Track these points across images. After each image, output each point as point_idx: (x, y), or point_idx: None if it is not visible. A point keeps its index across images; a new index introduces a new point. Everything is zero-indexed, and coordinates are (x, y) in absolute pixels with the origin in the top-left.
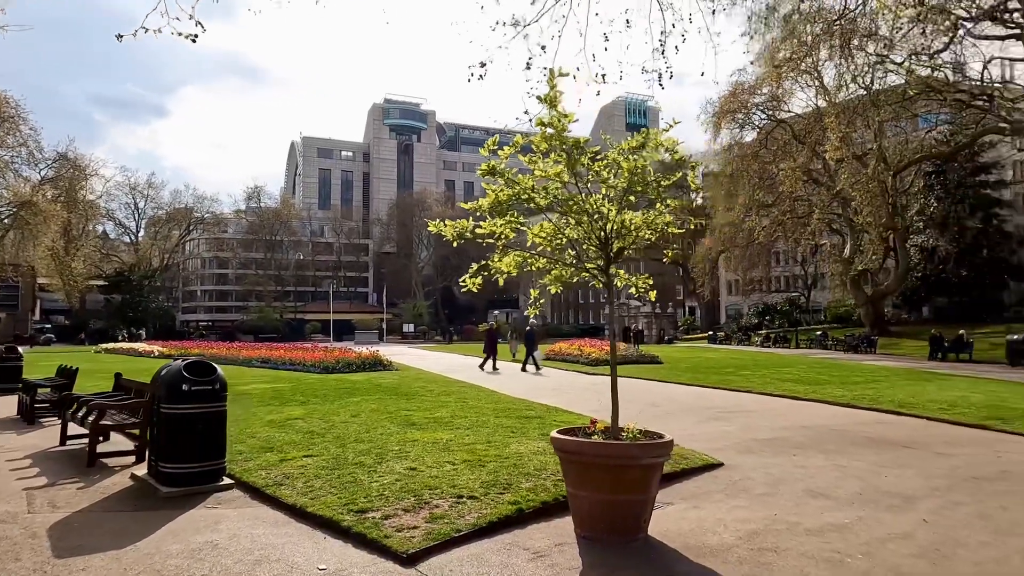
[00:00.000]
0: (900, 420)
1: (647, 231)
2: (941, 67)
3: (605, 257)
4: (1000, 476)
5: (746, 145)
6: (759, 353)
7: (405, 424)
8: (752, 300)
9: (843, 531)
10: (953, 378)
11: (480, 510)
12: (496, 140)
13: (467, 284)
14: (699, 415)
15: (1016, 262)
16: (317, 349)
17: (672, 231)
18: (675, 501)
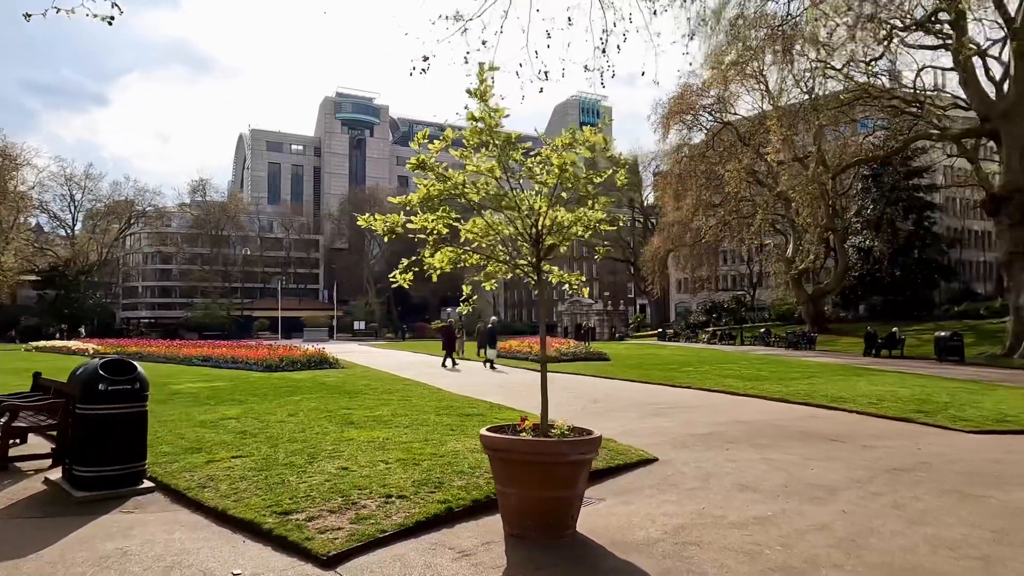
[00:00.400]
0: (831, 414)
1: (579, 228)
2: (878, 74)
3: (536, 254)
4: (917, 467)
5: (694, 146)
6: (705, 350)
7: (343, 423)
8: (700, 298)
9: (765, 523)
10: (884, 373)
11: (408, 510)
12: (426, 134)
13: (397, 279)
14: (640, 411)
15: (946, 262)
16: (261, 347)
17: (605, 228)
18: (607, 497)
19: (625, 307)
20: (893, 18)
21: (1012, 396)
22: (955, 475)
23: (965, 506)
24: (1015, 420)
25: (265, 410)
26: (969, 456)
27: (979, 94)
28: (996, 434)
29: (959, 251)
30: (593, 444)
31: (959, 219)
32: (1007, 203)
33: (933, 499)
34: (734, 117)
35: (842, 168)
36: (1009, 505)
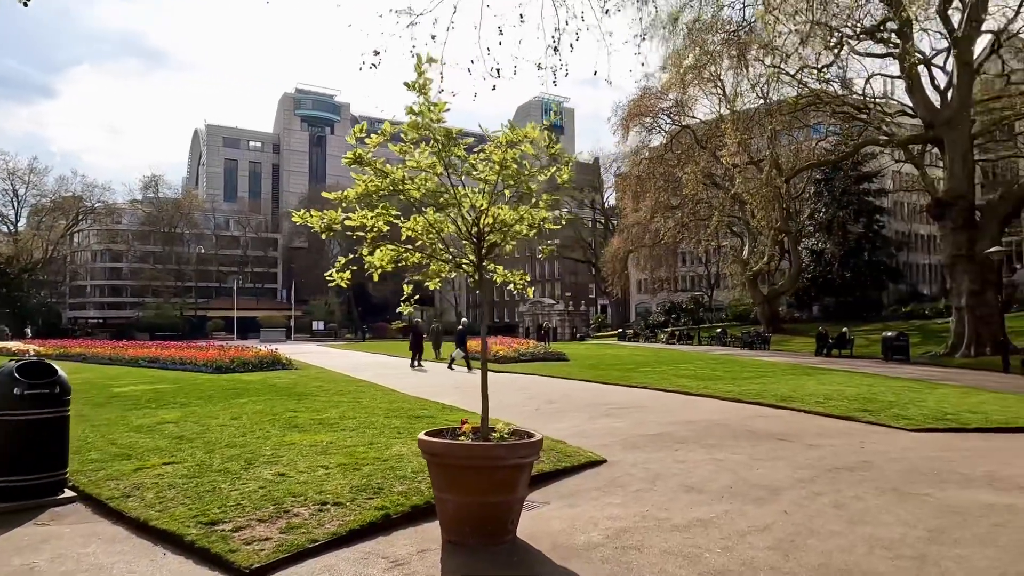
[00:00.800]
0: (780, 413)
1: (523, 227)
2: (829, 81)
3: (477, 253)
4: (860, 466)
5: (653, 149)
6: (663, 350)
7: (287, 426)
8: (660, 299)
9: (708, 526)
10: (833, 373)
11: (343, 517)
12: (363, 127)
13: (335, 278)
14: (593, 411)
15: (894, 265)
16: (212, 348)
17: (550, 227)
18: (552, 500)
19: (586, 307)
20: (844, 26)
21: (953, 394)
22: (895, 473)
23: (904, 505)
24: (954, 418)
25: (207, 413)
26: (909, 454)
27: (924, 102)
28: (936, 432)
29: (906, 254)
30: (534, 447)
31: (906, 223)
32: (951, 208)
33: (873, 498)
34: (693, 120)
35: (795, 172)
36: (945, 503)
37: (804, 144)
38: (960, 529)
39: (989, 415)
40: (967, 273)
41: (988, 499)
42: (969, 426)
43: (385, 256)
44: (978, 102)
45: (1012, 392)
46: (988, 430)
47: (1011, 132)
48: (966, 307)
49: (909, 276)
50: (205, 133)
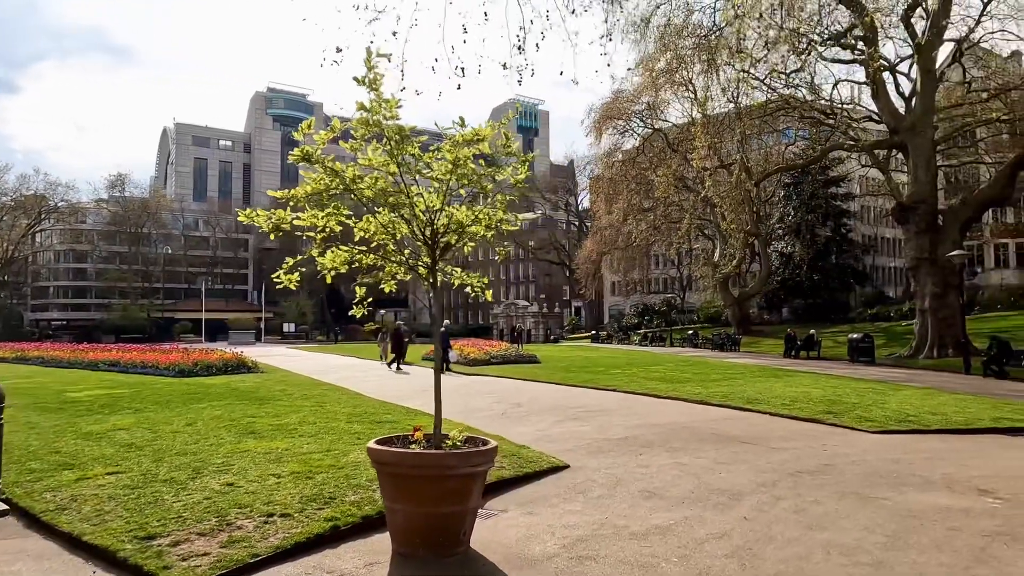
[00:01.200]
0: (746, 416)
1: (480, 228)
2: (798, 86)
3: (432, 254)
4: (821, 469)
5: (625, 151)
6: (635, 352)
7: (244, 433)
8: (633, 300)
9: (666, 533)
10: (800, 375)
11: (289, 529)
12: (311, 123)
13: (283, 280)
14: (560, 415)
15: (861, 268)
16: (175, 351)
17: (507, 228)
18: (511, 508)
19: (561, 309)
20: (812, 32)
21: (915, 396)
22: (856, 477)
23: (863, 509)
24: (916, 420)
25: (162, 419)
26: (871, 457)
27: (889, 107)
28: (898, 434)
29: (873, 257)
30: (487, 455)
31: (873, 227)
32: (914, 212)
33: (833, 502)
34: (665, 124)
35: (764, 176)
36: (903, 507)
37: (774, 148)
38: (917, 534)
39: (949, 416)
40: (930, 276)
41: (945, 502)
42: (930, 428)
43: (337, 258)
44: (941, 109)
45: (972, 393)
46: (948, 432)
47: (973, 138)
48: (929, 309)
49: (876, 279)
50: (174, 132)
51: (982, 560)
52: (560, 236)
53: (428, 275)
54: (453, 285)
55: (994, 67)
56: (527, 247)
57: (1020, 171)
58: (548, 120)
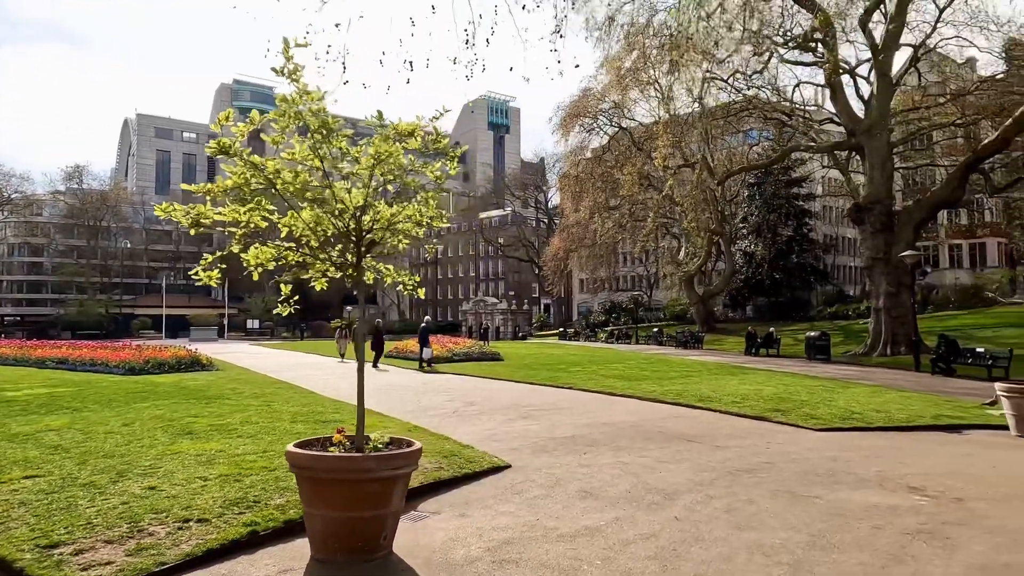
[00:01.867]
0: (696, 414)
1: (409, 225)
2: (761, 88)
3: (357, 251)
4: (760, 467)
5: (592, 150)
6: (600, 349)
7: (180, 433)
8: (601, 298)
9: (595, 535)
10: (757, 372)
11: (204, 535)
12: (229, 114)
13: (201, 277)
14: (512, 413)
15: (821, 267)
16: (129, 348)
17: (438, 224)
18: (444, 510)
19: (530, 306)
20: (775, 35)
21: (863, 393)
22: (793, 475)
23: (793, 507)
24: (859, 417)
25: (99, 419)
26: (811, 455)
27: (847, 110)
28: (841, 431)
29: (834, 256)
30: (409, 457)
31: (834, 227)
32: (869, 212)
33: (766, 501)
34: (632, 123)
35: (727, 175)
36: (832, 505)
37: (738, 149)
38: (841, 532)
39: (892, 414)
40: (884, 275)
41: (874, 500)
42: (872, 425)
43: (262, 255)
44: (897, 112)
45: (918, 391)
46: (890, 429)
47: (929, 142)
48: (883, 308)
49: (836, 278)
50: (136, 123)
51: (900, 559)
52: (529, 233)
53: (351, 273)
54: (385, 283)
55: (949, 72)
56: (496, 244)
57: (971, 173)
58: (520, 117)
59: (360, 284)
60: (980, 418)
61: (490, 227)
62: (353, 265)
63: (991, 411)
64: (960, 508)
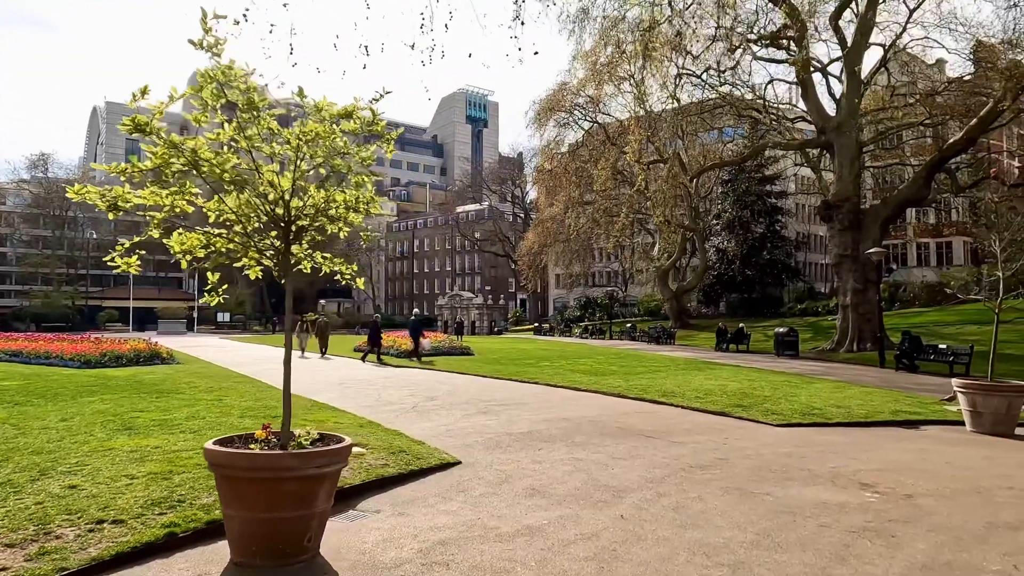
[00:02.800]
0: (658, 409)
1: (342, 210)
2: (736, 85)
3: (284, 238)
4: (714, 464)
5: (568, 144)
6: (572, 344)
7: (120, 429)
8: (577, 293)
9: (535, 535)
10: (724, 367)
11: (117, 538)
12: (146, 89)
13: (119, 265)
14: (471, 408)
15: (792, 264)
16: (88, 340)
17: (376, 212)
18: (385, 508)
19: (506, 301)
20: (749, 33)
21: (826, 389)
22: (746, 471)
23: (742, 505)
24: (819, 413)
25: (38, 414)
26: (766, 451)
27: (817, 108)
28: (800, 427)
29: (805, 253)
30: (335, 455)
31: (806, 224)
32: (838, 210)
33: (715, 499)
34: (607, 118)
35: (699, 171)
36: (780, 503)
37: (711, 146)
38: (787, 531)
39: (852, 410)
40: (851, 272)
41: (824, 497)
42: (832, 421)
43: (188, 241)
44: (867, 112)
45: (881, 386)
46: (848, 424)
47: (898, 141)
48: (850, 305)
49: (807, 274)
50: (105, 111)
51: (843, 558)
52: (506, 228)
53: (278, 260)
54: (322, 271)
55: (918, 72)
56: (473, 239)
57: (937, 172)
58: (498, 111)
59: (287, 273)
60: (938, 414)
61: (467, 221)
62: (281, 253)
63: (949, 407)
64: (908, 505)
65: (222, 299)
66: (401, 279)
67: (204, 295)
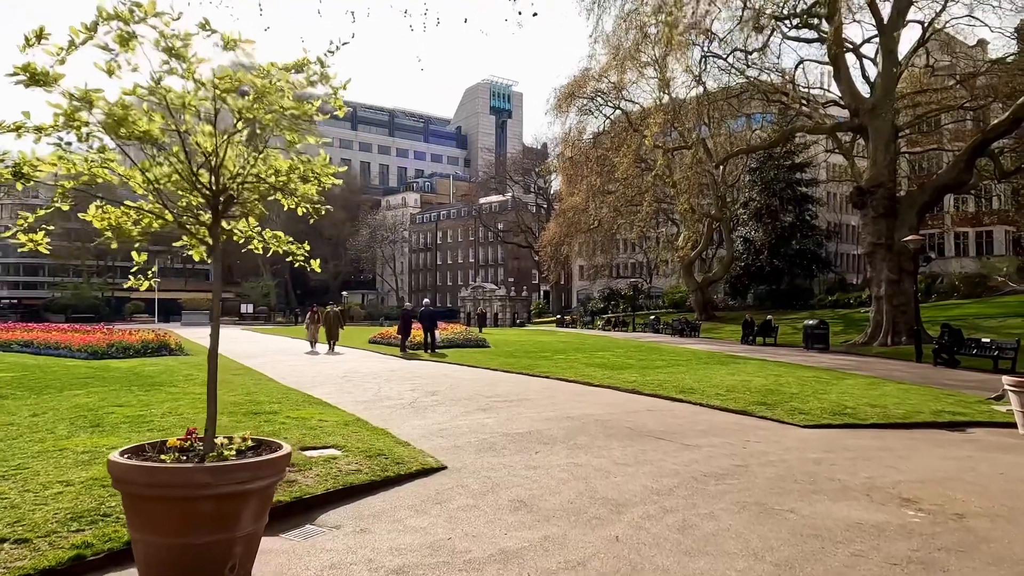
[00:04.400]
0: (673, 407)
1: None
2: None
3: (214, 210)
4: (731, 472)
5: (588, 131)
6: (593, 336)
7: (86, 426)
8: (600, 285)
9: (509, 562)
10: (749, 361)
11: (10, 563)
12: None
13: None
14: (471, 405)
15: (823, 254)
16: (99, 332)
17: (331, 182)
18: (346, 523)
19: (529, 293)
20: (779, 12)
21: (859, 385)
22: (766, 482)
23: (760, 525)
24: (852, 413)
25: (12, 408)
26: (792, 456)
27: (850, 89)
28: (830, 428)
29: (836, 244)
30: (264, 467)
31: (837, 214)
32: (871, 196)
33: (729, 516)
34: (630, 105)
35: (725, 158)
36: (806, 523)
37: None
38: (813, 562)
39: (888, 409)
40: (885, 262)
41: (858, 516)
42: (865, 422)
43: (111, 216)
44: (905, 95)
45: (918, 383)
46: (884, 426)
47: (936, 126)
48: (884, 296)
49: (838, 265)
50: None
51: None
52: (529, 219)
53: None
54: (270, 250)
55: (959, 52)
56: (495, 230)
57: (979, 156)
58: (522, 102)
59: (215, 250)
60: (985, 414)
61: (489, 213)
62: (208, 227)
63: (997, 407)
64: (959, 528)
65: (153, 284)
66: (424, 271)
67: (130, 278)
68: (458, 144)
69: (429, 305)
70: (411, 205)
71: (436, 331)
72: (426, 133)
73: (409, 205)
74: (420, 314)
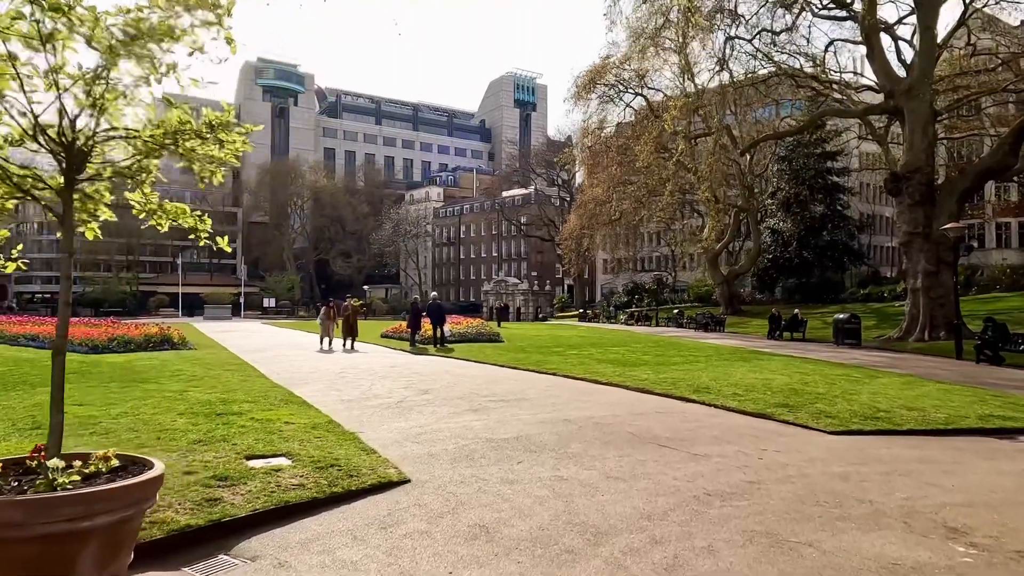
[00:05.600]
0: (684, 408)
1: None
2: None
3: (68, 170)
4: (741, 490)
5: (609, 120)
6: (612, 331)
7: (26, 428)
8: (624, 279)
9: None
10: (774, 358)
11: None
12: None
13: None
14: (462, 405)
15: (855, 246)
16: (103, 325)
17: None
18: (264, 554)
19: (552, 287)
20: None
21: (893, 385)
22: (782, 503)
23: (770, 565)
24: (885, 416)
25: None
26: (813, 470)
27: (885, 69)
28: (859, 435)
29: (869, 235)
30: (111, 498)
31: (870, 204)
32: (908, 182)
33: (732, 551)
34: (653, 92)
35: (751, 145)
36: (828, 562)
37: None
38: None
39: (927, 412)
40: (922, 252)
41: (894, 552)
42: (901, 427)
43: None
44: (944, 77)
45: (960, 382)
46: (922, 432)
47: (977, 110)
48: (920, 288)
49: (870, 258)
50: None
51: None
52: (552, 213)
53: (53, 198)
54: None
55: (1002, 30)
56: (518, 223)
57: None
58: (547, 95)
59: (67, 225)
60: None
61: (512, 206)
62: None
63: None
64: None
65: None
66: (448, 265)
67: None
68: (482, 138)
69: (437, 299)
70: (434, 199)
71: (445, 325)
72: (450, 127)
73: (432, 199)
74: (428, 308)
